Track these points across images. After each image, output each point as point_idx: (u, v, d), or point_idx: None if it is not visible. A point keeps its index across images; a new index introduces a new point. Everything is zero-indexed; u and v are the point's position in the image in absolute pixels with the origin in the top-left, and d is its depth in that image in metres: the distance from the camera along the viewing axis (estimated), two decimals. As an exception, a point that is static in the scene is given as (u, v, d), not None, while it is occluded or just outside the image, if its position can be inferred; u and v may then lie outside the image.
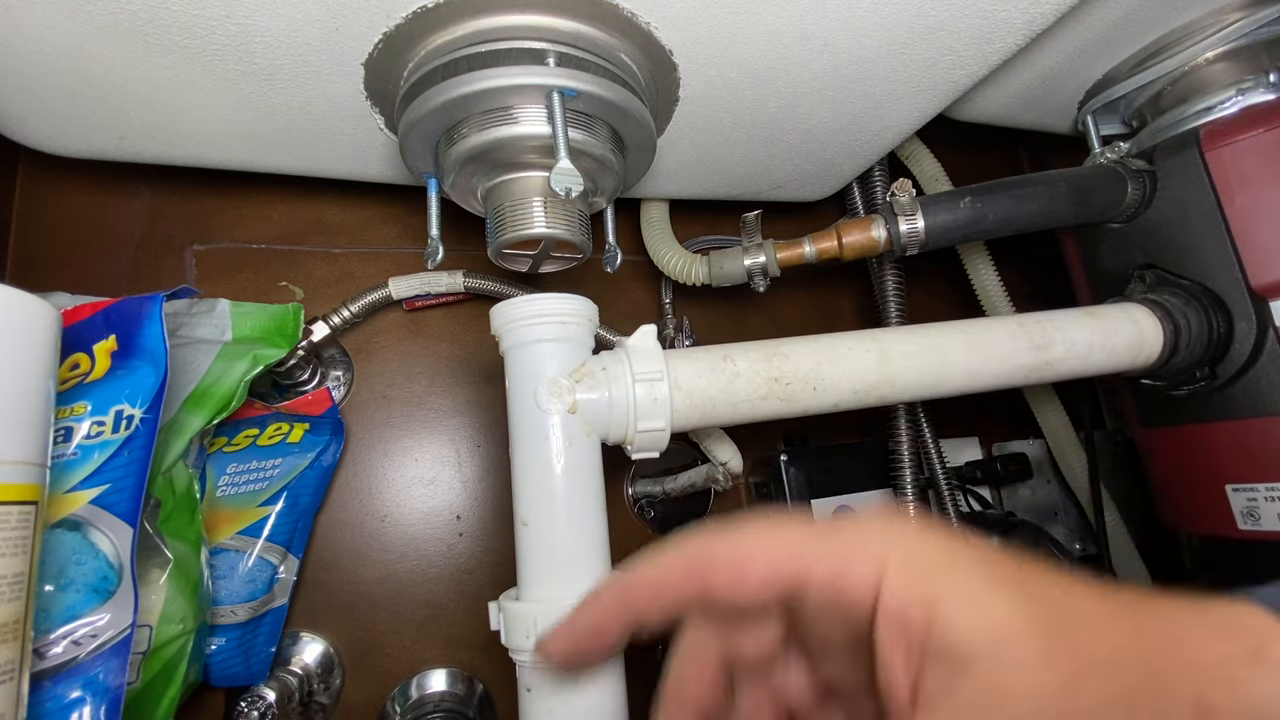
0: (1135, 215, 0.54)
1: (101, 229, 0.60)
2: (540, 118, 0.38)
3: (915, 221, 0.49)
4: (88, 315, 0.41)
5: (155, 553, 0.42)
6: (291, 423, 0.55)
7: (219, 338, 0.51)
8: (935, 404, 0.66)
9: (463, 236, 0.64)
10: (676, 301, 0.70)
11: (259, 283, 0.62)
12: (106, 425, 0.39)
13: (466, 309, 0.66)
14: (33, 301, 0.30)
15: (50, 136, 0.45)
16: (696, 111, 0.47)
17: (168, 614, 0.42)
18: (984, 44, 0.43)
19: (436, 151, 0.41)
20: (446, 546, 0.62)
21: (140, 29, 0.36)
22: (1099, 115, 0.60)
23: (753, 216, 0.55)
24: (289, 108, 0.43)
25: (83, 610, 0.36)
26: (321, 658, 0.57)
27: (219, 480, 0.52)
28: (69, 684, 0.35)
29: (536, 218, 0.41)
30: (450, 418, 0.64)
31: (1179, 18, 0.51)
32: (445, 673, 0.60)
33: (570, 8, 0.37)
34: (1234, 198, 0.48)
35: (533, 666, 0.35)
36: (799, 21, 0.39)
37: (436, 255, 0.42)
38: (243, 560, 0.51)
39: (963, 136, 0.64)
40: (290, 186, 0.62)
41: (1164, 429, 0.55)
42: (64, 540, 0.36)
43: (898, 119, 0.51)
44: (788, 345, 0.41)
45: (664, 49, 0.40)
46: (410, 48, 0.39)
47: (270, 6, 0.35)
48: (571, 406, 0.36)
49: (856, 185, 0.67)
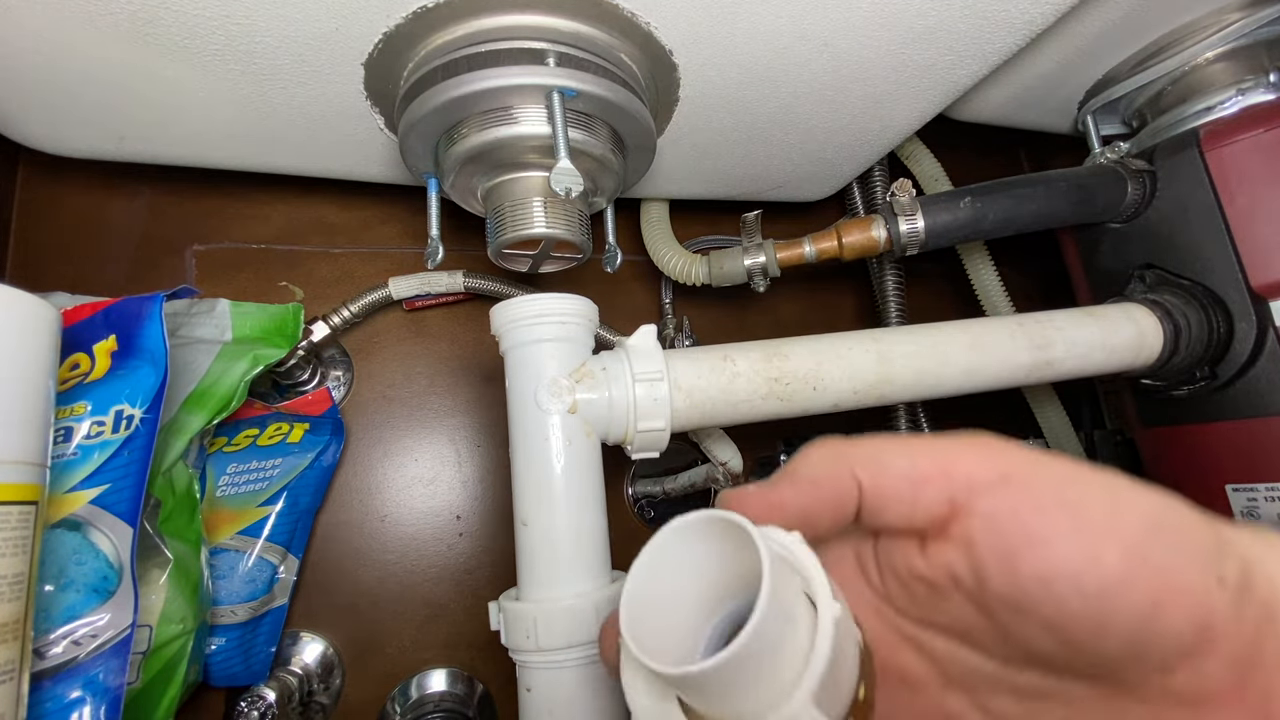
0: (1135, 215, 0.54)
1: (101, 229, 0.60)
2: (540, 118, 0.38)
3: (915, 221, 0.49)
4: (88, 315, 0.41)
5: (155, 553, 0.42)
6: (291, 423, 0.55)
7: (219, 338, 0.51)
8: (935, 403, 0.66)
9: (463, 236, 0.64)
10: (676, 301, 0.70)
11: (259, 283, 0.62)
12: (106, 425, 0.39)
13: (466, 309, 0.66)
14: (33, 301, 0.30)
15: (50, 136, 0.45)
16: (696, 111, 0.47)
17: (168, 614, 0.42)
18: (984, 44, 0.43)
19: (436, 151, 0.41)
20: (446, 546, 0.62)
21: (140, 29, 0.36)
22: (1099, 115, 0.60)
23: (753, 216, 0.55)
24: (289, 108, 0.43)
25: (83, 610, 0.36)
26: (321, 658, 0.57)
27: (219, 480, 0.52)
28: (69, 684, 0.35)
29: (536, 218, 0.41)
30: (450, 418, 0.64)
31: (1179, 18, 0.51)
32: (445, 673, 0.60)
33: (570, 8, 0.37)
34: (1234, 198, 0.48)
35: (535, 667, 0.35)
36: (799, 21, 0.39)
37: (436, 255, 0.42)
38: (243, 560, 0.51)
39: (963, 136, 0.64)
40: (290, 186, 0.62)
41: (1164, 429, 0.55)
42: (64, 540, 0.36)
43: (898, 119, 0.51)
44: (788, 345, 0.41)
45: (664, 49, 0.40)
46: (410, 48, 0.39)
47: (270, 6, 0.35)
48: (571, 406, 0.36)
49: (856, 185, 0.67)
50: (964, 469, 0.20)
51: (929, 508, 0.20)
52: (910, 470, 0.20)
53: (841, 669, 0.19)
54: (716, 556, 0.20)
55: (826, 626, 0.18)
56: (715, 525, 0.20)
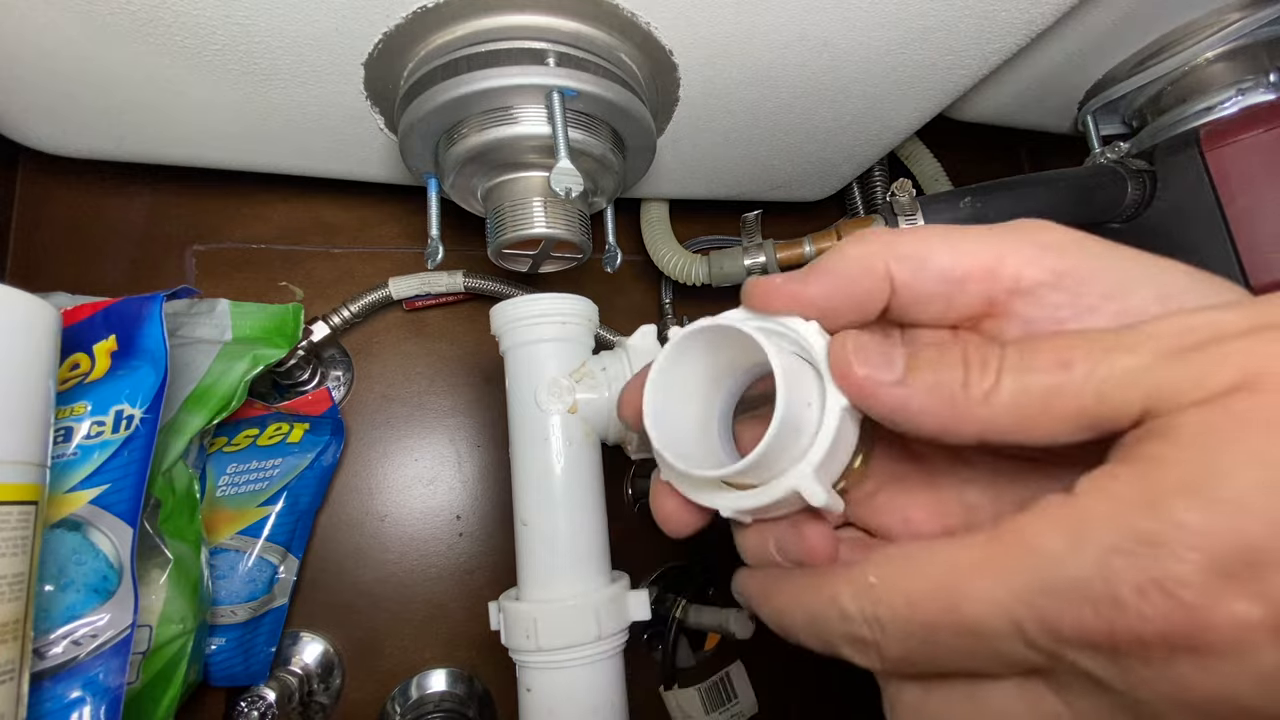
0: (1135, 215, 0.54)
1: (101, 229, 0.60)
2: (540, 118, 0.38)
3: (915, 221, 0.49)
4: (88, 315, 0.41)
5: (155, 553, 0.42)
6: (291, 423, 0.55)
7: (219, 338, 0.51)
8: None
9: (463, 236, 0.64)
10: (676, 301, 0.70)
11: (259, 283, 0.62)
12: (106, 425, 0.39)
13: (466, 309, 0.66)
14: (33, 301, 0.30)
15: (50, 136, 0.45)
16: (696, 111, 0.47)
17: (168, 614, 0.42)
18: (984, 44, 0.43)
19: (436, 151, 0.41)
20: (446, 546, 0.62)
21: (140, 29, 0.36)
22: (1099, 115, 0.60)
23: (753, 216, 0.55)
24: (289, 108, 0.43)
25: (83, 610, 0.36)
26: (321, 658, 0.57)
27: (219, 480, 0.52)
28: (69, 684, 0.35)
29: (536, 218, 0.41)
30: (450, 418, 0.64)
31: (1179, 18, 0.51)
32: (445, 673, 0.60)
33: (570, 8, 0.37)
34: (1234, 198, 0.48)
35: (535, 667, 0.35)
36: (799, 21, 0.39)
37: (436, 255, 0.42)
38: (243, 560, 0.51)
39: (963, 136, 0.64)
40: (290, 186, 0.62)
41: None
42: (64, 540, 0.36)
43: (898, 119, 0.51)
44: (788, 345, 0.41)
45: (664, 49, 0.40)
46: (410, 48, 0.39)
47: (270, 6, 0.35)
48: (571, 406, 0.36)
49: (856, 185, 0.67)
50: (1011, 267, 0.19)
51: (965, 307, 0.20)
52: (951, 267, 0.20)
53: (840, 447, 0.21)
54: (726, 349, 0.23)
55: (830, 420, 0.20)
56: (725, 330, 0.22)
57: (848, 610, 0.19)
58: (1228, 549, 0.14)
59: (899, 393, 0.19)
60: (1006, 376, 0.18)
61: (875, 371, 0.19)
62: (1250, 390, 0.15)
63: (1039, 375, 0.17)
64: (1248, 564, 0.14)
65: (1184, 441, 0.15)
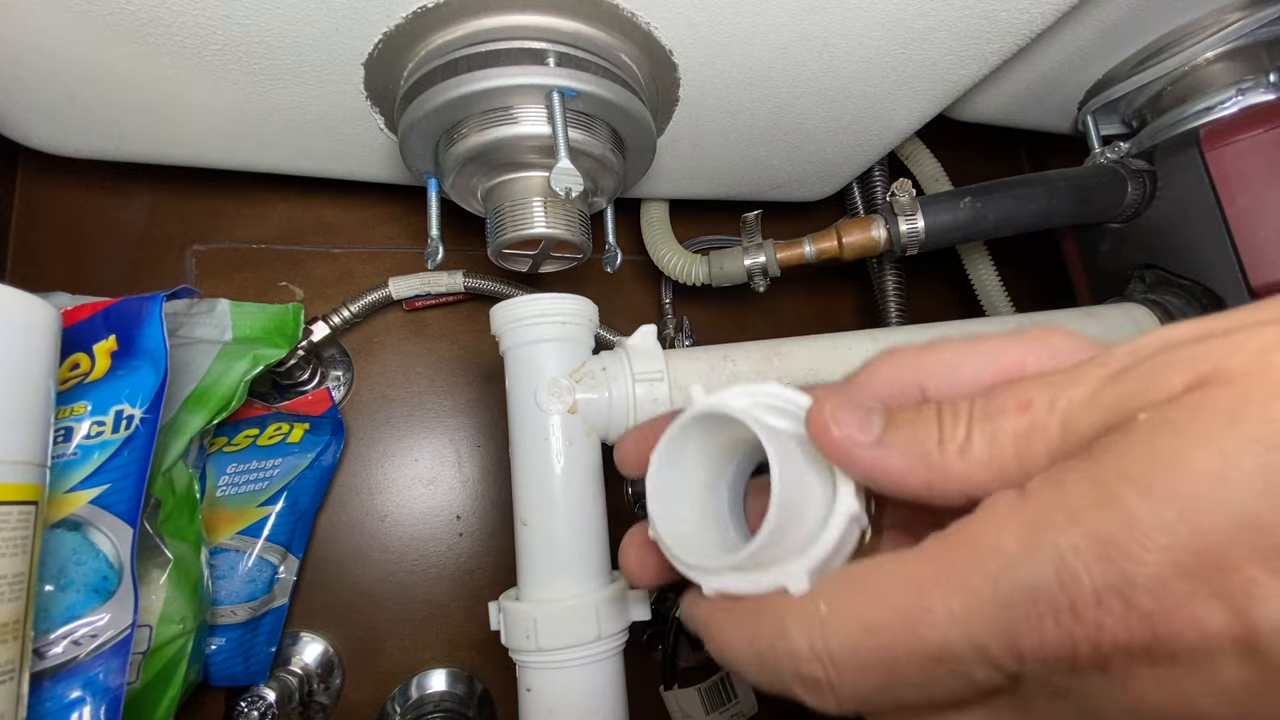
0: (1135, 215, 0.54)
1: (101, 229, 0.60)
2: (540, 118, 0.38)
3: (915, 221, 0.49)
4: (88, 315, 0.41)
5: (155, 553, 0.42)
6: (291, 423, 0.56)
7: (219, 338, 0.51)
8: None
9: (463, 236, 0.64)
10: (676, 301, 0.70)
11: (259, 283, 0.62)
12: (106, 425, 0.39)
13: (466, 309, 0.66)
14: (33, 301, 0.30)
15: (50, 136, 0.45)
16: (696, 111, 0.47)
17: (168, 614, 0.42)
18: (984, 44, 0.43)
19: (436, 151, 0.41)
20: (446, 546, 0.62)
21: (140, 29, 0.36)
22: (1099, 115, 0.60)
23: (753, 216, 0.55)
24: (289, 108, 0.43)
25: (83, 610, 0.36)
26: (321, 658, 0.57)
27: (219, 480, 0.52)
28: (69, 684, 0.35)
29: (536, 218, 0.41)
30: (450, 418, 0.64)
31: (1179, 18, 0.51)
32: (445, 673, 0.60)
33: (570, 8, 0.37)
34: (1234, 198, 0.48)
35: (535, 667, 0.35)
36: (799, 21, 0.39)
37: (436, 255, 0.42)
38: (243, 560, 0.51)
39: (963, 136, 0.64)
40: (290, 186, 0.62)
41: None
42: (64, 540, 0.36)
43: (898, 119, 0.51)
44: (788, 345, 0.41)
45: (664, 49, 0.40)
46: (410, 48, 0.39)
47: (270, 6, 0.35)
48: (571, 406, 0.36)
49: (856, 185, 0.67)
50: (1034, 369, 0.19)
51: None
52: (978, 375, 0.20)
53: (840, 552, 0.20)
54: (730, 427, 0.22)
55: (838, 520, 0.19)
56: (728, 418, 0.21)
57: (796, 647, 0.18)
58: (1185, 547, 0.14)
59: (876, 453, 0.19)
60: (976, 427, 0.18)
61: (853, 432, 0.19)
62: (1204, 386, 0.15)
63: (1005, 419, 0.17)
64: (1206, 564, 0.13)
65: (1136, 435, 0.15)
